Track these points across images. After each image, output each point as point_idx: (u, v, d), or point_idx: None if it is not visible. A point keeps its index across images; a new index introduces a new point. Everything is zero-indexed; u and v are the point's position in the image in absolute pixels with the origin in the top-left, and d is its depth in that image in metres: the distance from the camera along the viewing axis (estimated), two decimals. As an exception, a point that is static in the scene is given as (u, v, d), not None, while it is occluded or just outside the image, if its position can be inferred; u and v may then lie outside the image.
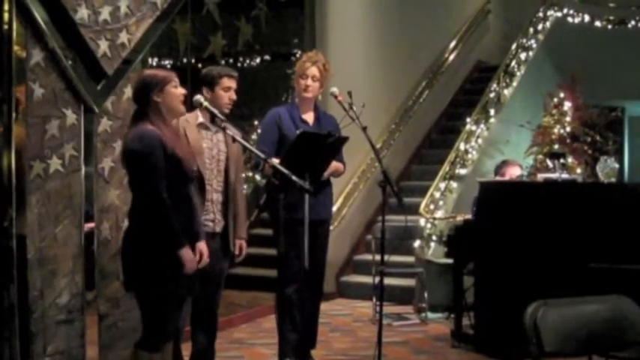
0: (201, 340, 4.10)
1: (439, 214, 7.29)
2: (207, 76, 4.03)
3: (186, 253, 3.23)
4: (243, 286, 7.38)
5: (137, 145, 3.22)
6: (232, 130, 3.70)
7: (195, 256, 3.40)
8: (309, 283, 4.36)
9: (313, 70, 4.49)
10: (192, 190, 3.43)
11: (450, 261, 5.76)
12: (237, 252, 4.15)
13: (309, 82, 4.49)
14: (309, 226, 4.02)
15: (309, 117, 4.59)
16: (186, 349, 4.18)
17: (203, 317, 4.09)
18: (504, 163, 6.20)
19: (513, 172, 5.99)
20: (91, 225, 3.88)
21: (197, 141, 3.93)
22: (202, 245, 3.52)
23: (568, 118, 8.47)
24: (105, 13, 3.79)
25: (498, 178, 5.99)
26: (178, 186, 3.28)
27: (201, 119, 4.00)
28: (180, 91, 3.37)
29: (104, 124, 3.90)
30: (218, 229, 4.02)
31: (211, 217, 3.99)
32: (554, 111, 8.53)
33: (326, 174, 4.44)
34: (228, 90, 4.01)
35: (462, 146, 8.07)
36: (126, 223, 3.38)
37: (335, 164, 4.50)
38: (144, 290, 3.31)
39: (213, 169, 3.99)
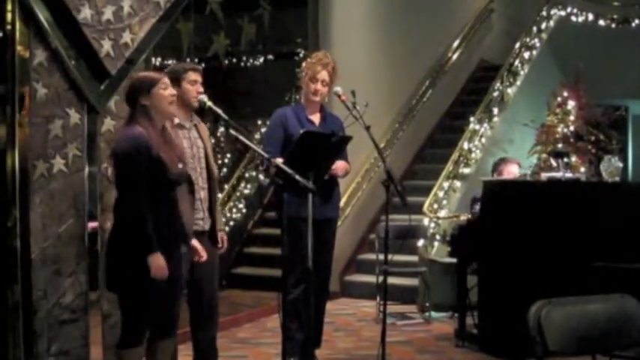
0: (202, 340, 4.10)
1: (443, 213, 7.28)
2: (172, 72, 3.99)
3: (155, 259, 3.22)
4: (246, 285, 7.39)
5: (121, 146, 3.28)
6: (235, 130, 3.71)
7: (195, 254, 3.61)
8: (315, 282, 4.36)
9: (324, 75, 4.49)
10: (178, 195, 3.43)
11: (453, 260, 5.75)
12: (219, 245, 4.14)
13: (319, 86, 4.51)
14: (315, 225, 4.02)
15: (315, 117, 4.61)
16: (188, 349, 4.18)
17: (202, 316, 4.09)
18: (502, 161, 6.20)
19: (511, 170, 5.98)
20: (94, 225, 3.89)
21: (179, 143, 3.93)
22: (195, 242, 3.65)
23: (572, 117, 8.45)
24: (108, 13, 3.80)
25: (496, 176, 5.98)
26: (161, 190, 3.30)
27: (177, 120, 3.98)
28: (170, 92, 3.39)
29: (107, 124, 3.90)
30: (207, 226, 4.02)
31: (201, 216, 3.99)
32: (558, 110, 8.51)
33: (340, 174, 4.48)
34: (194, 83, 3.98)
35: (465, 145, 8.07)
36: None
37: (344, 164, 4.50)
38: (122, 288, 3.35)
39: (196, 167, 3.99)
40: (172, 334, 3.53)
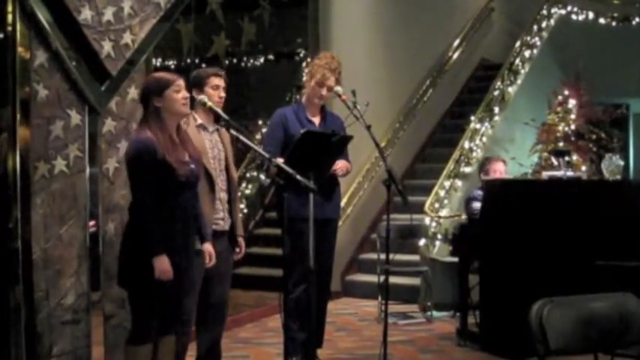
0: (207, 340, 4.12)
1: (444, 212, 7.29)
2: (195, 77, 4.13)
3: (159, 261, 3.28)
4: (248, 285, 7.39)
5: (128, 150, 3.41)
6: (236, 130, 3.73)
7: (205, 257, 3.69)
8: (316, 282, 4.36)
9: (332, 81, 4.49)
10: (189, 198, 3.47)
11: (455, 259, 5.75)
12: (237, 250, 4.20)
13: (325, 92, 4.51)
14: (315, 225, 4.02)
15: (315, 117, 4.61)
16: (192, 349, 4.18)
17: (211, 316, 4.11)
18: (487, 160, 6.19)
19: (497, 168, 5.99)
20: (92, 223, 3.88)
21: (200, 142, 3.97)
22: (208, 246, 3.72)
23: (573, 116, 8.46)
24: (108, 14, 3.79)
25: (483, 176, 5.98)
26: (170, 192, 3.35)
27: (199, 121, 4.05)
28: (182, 95, 3.45)
29: (108, 125, 3.90)
30: (227, 226, 4.10)
31: (221, 216, 4.06)
32: (559, 108, 8.52)
33: (341, 173, 4.48)
34: (216, 88, 4.08)
35: (466, 144, 8.07)
36: None
37: (345, 163, 4.50)
38: (132, 285, 3.43)
39: (216, 168, 4.06)
40: (172, 330, 3.57)
